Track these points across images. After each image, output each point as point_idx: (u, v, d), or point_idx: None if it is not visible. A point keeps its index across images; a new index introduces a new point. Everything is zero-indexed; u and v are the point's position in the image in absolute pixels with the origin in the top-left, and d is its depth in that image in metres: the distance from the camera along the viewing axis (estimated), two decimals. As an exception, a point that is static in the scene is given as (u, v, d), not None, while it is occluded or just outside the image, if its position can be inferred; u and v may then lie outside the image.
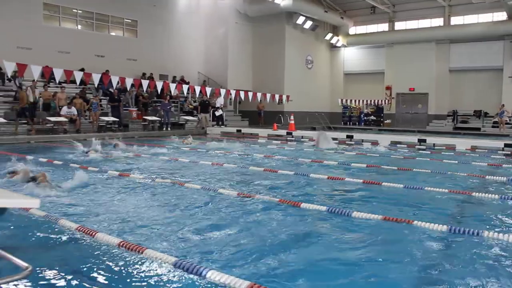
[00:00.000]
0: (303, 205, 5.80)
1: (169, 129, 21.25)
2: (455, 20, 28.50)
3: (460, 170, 9.36)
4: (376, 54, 31.58)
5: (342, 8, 31.71)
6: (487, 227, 4.96)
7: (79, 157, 11.04)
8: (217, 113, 22.72)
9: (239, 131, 21.21)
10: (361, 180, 7.84)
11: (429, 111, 29.44)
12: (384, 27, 31.35)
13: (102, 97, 21.16)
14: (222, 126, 22.51)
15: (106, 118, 19.40)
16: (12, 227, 4.78)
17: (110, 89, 20.47)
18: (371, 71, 31.82)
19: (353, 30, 32.59)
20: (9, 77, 18.22)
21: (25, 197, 1.94)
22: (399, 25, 30.78)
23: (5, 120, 16.44)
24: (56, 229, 4.71)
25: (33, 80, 17.71)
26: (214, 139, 17.70)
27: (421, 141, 16.06)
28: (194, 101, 25.05)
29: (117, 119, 19.55)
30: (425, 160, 11.55)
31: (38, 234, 4.62)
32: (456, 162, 11.18)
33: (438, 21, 28.95)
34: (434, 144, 15.67)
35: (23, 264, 2.02)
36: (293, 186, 7.58)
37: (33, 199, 1.94)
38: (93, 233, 4.39)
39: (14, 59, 15.03)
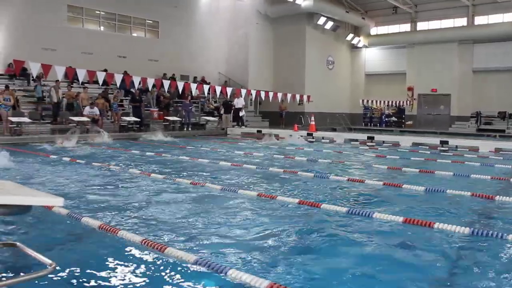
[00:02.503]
0: (324, 206, 5.78)
1: (190, 129, 21.38)
2: (479, 20, 28.00)
3: (483, 172, 9.20)
4: (397, 54, 31.26)
5: (364, 8, 31.48)
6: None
7: (101, 156, 11.21)
8: (241, 113, 22.79)
9: (259, 131, 21.22)
10: (381, 182, 7.78)
11: (451, 113, 29.01)
12: (406, 27, 31.01)
13: (123, 98, 21.39)
14: (242, 127, 22.55)
15: (127, 118, 19.62)
16: (36, 225, 4.88)
17: (132, 89, 20.71)
18: (393, 71, 31.50)
19: (374, 30, 32.33)
20: (34, 77, 18.57)
21: (49, 195, 1.98)
22: (421, 25, 30.40)
23: (30, 120, 16.75)
24: (79, 227, 4.80)
25: (57, 81, 18.04)
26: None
27: (443, 142, 15.84)
28: (215, 102, 25.16)
29: (139, 119, 19.76)
30: (447, 162, 11.39)
31: (61, 231, 4.71)
32: (479, 164, 11.00)
33: (462, 21, 28.48)
34: (456, 146, 15.45)
35: (47, 261, 2.07)
36: (313, 187, 7.57)
37: (56, 197, 1.98)
38: (116, 231, 4.47)
39: (39, 60, 15.32)
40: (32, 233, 4.63)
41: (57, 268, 2.06)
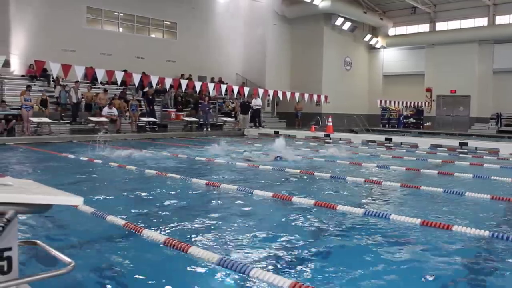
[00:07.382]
0: (340, 207, 5.75)
1: (208, 129, 21.45)
2: (500, 20, 27.58)
3: (503, 175, 9.05)
4: (416, 55, 30.95)
5: (382, 8, 31.25)
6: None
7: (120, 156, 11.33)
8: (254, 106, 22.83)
9: (276, 132, 21.20)
10: (399, 184, 7.71)
11: (471, 114, 28.61)
12: (424, 27, 30.70)
13: (141, 98, 21.56)
14: (259, 128, 22.55)
15: (145, 119, 19.78)
16: (57, 223, 4.94)
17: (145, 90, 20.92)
18: (411, 72, 31.19)
19: (392, 31, 32.07)
20: (54, 78, 18.84)
21: (69, 195, 2.01)
22: (440, 26, 30.06)
23: (50, 120, 16.99)
24: (102, 225, 4.85)
25: (76, 81, 18.28)
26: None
27: (462, 144, 15.63)
28: (232, 102, 25.21)
29: (155, 120, 19.93)
30: (466, 164, 11.23)
31: (83, 230, 4.77)
32: (500, 167, 10.83)
33: (482, 21, 28.08)
34: (476, 148, 15.23)
35: (67, 259, 2.09)
36: (329, 188, 7.54)
37: (76, 197, 2.00)
38: (140, 230, 4.51)
39: (59, 61, 15.54)
40: (53, 232, 4.69)
41: (77, 267, 2.08)
